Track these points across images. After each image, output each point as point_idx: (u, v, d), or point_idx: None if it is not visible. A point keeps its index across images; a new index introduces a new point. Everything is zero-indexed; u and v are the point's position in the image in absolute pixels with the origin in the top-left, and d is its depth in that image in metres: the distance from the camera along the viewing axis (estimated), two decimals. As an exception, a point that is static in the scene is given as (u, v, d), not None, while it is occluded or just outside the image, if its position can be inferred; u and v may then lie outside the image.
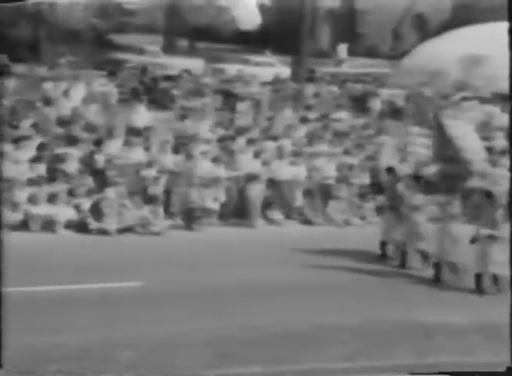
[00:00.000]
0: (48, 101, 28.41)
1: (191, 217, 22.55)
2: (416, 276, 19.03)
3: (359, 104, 34.51)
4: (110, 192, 22.27)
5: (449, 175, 19.26)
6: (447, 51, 37.97)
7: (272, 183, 24.02)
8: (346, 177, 25.05)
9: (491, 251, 17.96)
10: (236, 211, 23.50)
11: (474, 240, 18.21)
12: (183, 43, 44.26)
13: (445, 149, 19.32)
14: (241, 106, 30.93)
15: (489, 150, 28.10)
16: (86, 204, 21.92)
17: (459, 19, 44.62)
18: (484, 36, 37.65)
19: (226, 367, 13.69)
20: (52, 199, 21.79)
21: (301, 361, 13.70)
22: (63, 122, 26.41)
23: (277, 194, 23.98)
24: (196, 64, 39.73)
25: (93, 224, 21.50)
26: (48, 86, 29.76)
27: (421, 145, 21.63)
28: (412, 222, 19.64)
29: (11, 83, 29.68)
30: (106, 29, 42.14)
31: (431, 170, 20.34)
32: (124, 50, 41.34)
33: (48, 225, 21.23)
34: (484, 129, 31.25)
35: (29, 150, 23.31)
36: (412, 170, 21.43)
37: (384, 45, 47.99)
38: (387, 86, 36.97)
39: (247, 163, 24.18)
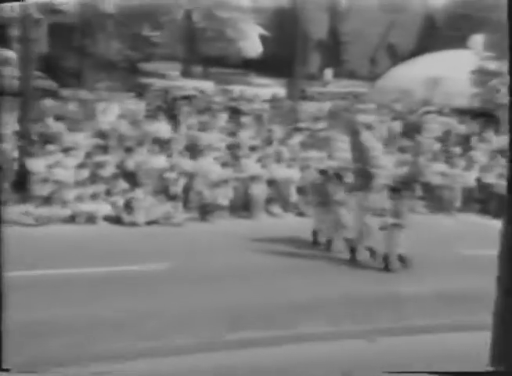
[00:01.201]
0: (88, 117, 28.59)
1: (205, 211, 22.64)
2: (338, 258, 19.14)
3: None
4: (139, 191, 22.42)
5: (363, 175, 19.39)
6: (413, 74, 37.97)
7: (272, 183, 24.04)
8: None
9: (396, 236, 18.42)
10: (242, 206, 23.53)
11: (382, 228, 18.63)
12: (198, 69, 44.12)
13: (359, 153, 19.46)
14: (245, 120, 30.98)
15: (448, 152, 28.32)
16: (120, 201, 22.02)
17: (424, 47, 44.58)
18: (443, 62, 37.73)
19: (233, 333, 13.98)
20: (93, 198, 21.91)
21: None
22: (101, 135, 26.52)
23: (276, 192, 24.00)
24: (208, 86, 39.65)
25: (126, 217, 21.60)
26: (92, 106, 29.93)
27: (344, 150, 21.68)
28: (336, 214, 19.93)
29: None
30: (137, 59, 42.09)
31: (350, 170, 20.46)
32: (150, 75, 41.32)
33: (90, 219, 21.33)
34: (445, 137, 31.38)
35: (76, 158, 23.42)
36: (336, 171, 21.50)
37: (363, 69, 47.86)
38: (365, 102, 37.03)
39: (251, 166, 24.21)
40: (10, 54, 32.49)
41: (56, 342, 13.08)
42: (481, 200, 25.31)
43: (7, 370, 9.79)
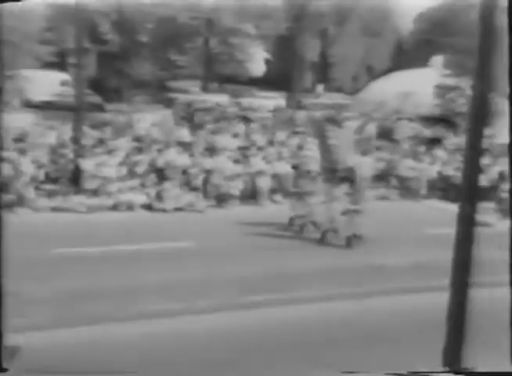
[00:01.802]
0: (127, 125, 28.67)
1: (221, 200, 22.62)
2: (310, 239, 18.99)
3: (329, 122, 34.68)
4: (168, 184, 22.38)
5: (328, 170, 19.30)
6: (387, 88, 37.93)
7: (275, 176, 24.02)
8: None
9: (354, 220, 18.38)
10: (251, 195, 23.52)
11: (344, 213, 18.53)
12: (214, 85, 44.11)
13: (326, 152, 19.36)
14: (253, 126, 31.00)
15: (415, 151, 28.32)
16: (152, 192, 22.00)
17: (395, 66, 44.51)
18: (411, 78, 37.71)
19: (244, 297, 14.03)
20: (131, 190, 21.92)
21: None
22: (137, 139, 26.54)
23: (278, 184, 23.98)
24: (222, 99, 39.61)
25: (157, 205, 21.60)
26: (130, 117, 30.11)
27: (313, 149, 21.59)
28: (308, 203, 19.86)
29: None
30: (165, 78, 42.12)
31: (318, 166, 20.33)
32: (175, 91, 41.32)
33: (130, 207, 21.32)
34: (414, 139, 31.38)
35: (117, 158, 23.44)
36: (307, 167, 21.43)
37: (346, 84, 47.80)
38: (348, 111, 37.14)
39: (257, 163, 24.19)
40: (67, 77, 32.57)
41: (107, 303, 13.17)
42: (442, 188, 25.31)
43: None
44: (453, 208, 9.02)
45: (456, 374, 8.71)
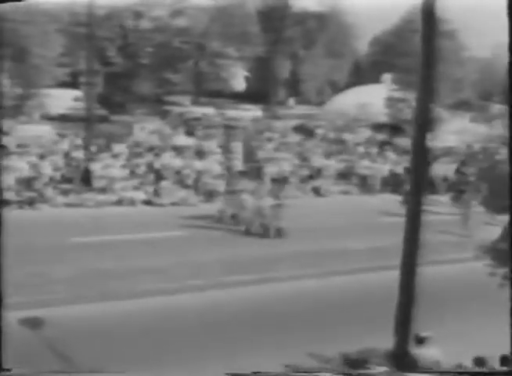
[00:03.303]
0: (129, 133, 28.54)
1: (210, 195, 22.43)
2: (239, 230, 18.32)
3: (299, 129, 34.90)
4: (164, 183, 22.23)
5: (255, 169, 18.99)
6: (348, 100, 38.02)
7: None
8: (295, 171, 25.04)
9: (277, 213, 17.82)
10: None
11: (268, 207, 18.09)
12: (203, 99, 44.01)
13: (249, 154, 19.10)
14: (234, 133, 30.87)
15: (369, 152, 28.39)
16: (151, 189, 21.86)
17: (354, 82, 44.57)
18: (367, 92, 37.87)
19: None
20: (133, 188, 21.77)
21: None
22: (137, 145, 26.39)
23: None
24: (209, 111, 39.47)
25: (155, 200, 21.46)
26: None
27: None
28: (239, 199, 19.09)
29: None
30: (161, 93, 42.00)
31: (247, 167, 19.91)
32: (171, 104, 41.20)
33: (132, 202, 21.15)
34: (368, 142, 31.44)
35: (121, 161, 23.31)
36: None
37: (314, 97, 47.81)
38: (315, 120, 37.32)
39: (238, 164, 24.12)
40: (79, 93, 32.39)
41: (115, 283, 13.16)
42: (393, 184, 25.22)
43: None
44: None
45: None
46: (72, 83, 35.68)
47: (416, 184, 8.58)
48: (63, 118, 33.16)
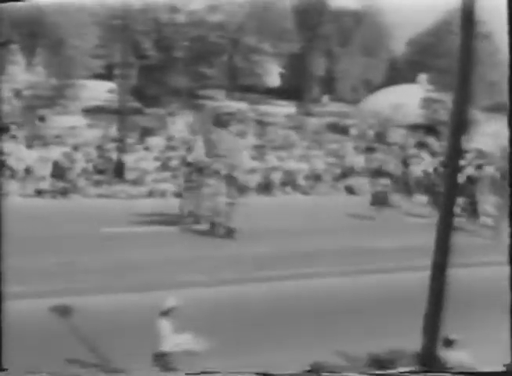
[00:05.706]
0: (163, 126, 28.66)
1: (241, 190, 22.27)
2: (201, 230, 17.82)
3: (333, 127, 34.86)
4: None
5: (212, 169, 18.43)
6: (382, 100, 37.87)
7: (286, 172, 23.90)
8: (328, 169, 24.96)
9: (232, 212, 17.43)
10: (265, 187, 23.42)
11: (224, 206, 17.63)
12: (237, 94, 44.07)
13: (212, 149, 18.61)
14: (268, 130, 30.91)
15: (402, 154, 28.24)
16: (181, 182, 21.86)
17: (389, 82, 44.26)
18: (402, 92, 37.67)
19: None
20: (164, 180, 21.91)
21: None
22: (170, 138, 26.52)
23: (288, 178, 23.87)
24: (243, 106, 39.52)
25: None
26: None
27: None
28: (199, 197, 18.47)
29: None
30: (196, 87, 42.10)
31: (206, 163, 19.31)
32: (205, 99, 41.32)
33: (163, 194, 21.29)
34: (403, 141, 31.28)
35: (153, 154, 23.47)
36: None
37: (348, 96, 47.58)
38: (349, 118, 37.28)
39: (271, 160, 24.17)
40: (113, 86, 32.63)
41: (145, 274, 13.32)
42: (426, 185, 24.97)
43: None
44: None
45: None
46: (107, 75, 35.99)
47: (449, 186, 8.55)
48: (97, 110, 33.48)
